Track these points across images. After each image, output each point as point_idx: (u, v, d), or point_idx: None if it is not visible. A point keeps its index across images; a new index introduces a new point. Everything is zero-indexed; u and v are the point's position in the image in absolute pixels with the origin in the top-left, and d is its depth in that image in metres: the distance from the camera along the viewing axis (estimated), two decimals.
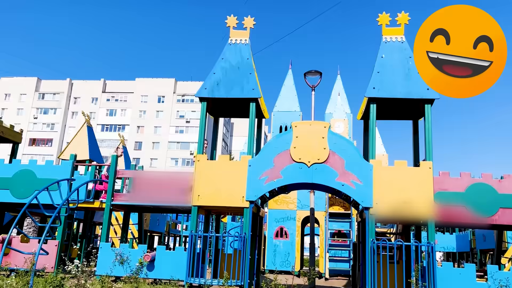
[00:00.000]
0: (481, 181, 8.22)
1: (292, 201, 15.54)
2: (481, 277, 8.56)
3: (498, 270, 7.91)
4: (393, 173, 7.89)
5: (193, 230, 7.92)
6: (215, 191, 8.08)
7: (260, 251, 9.40)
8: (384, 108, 9.10)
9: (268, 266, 15.05)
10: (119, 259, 7.68)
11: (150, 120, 70.41)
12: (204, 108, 8.69)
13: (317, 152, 8.10)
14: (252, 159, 8.23)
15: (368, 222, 7.74)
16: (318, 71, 11.15)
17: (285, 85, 16.85)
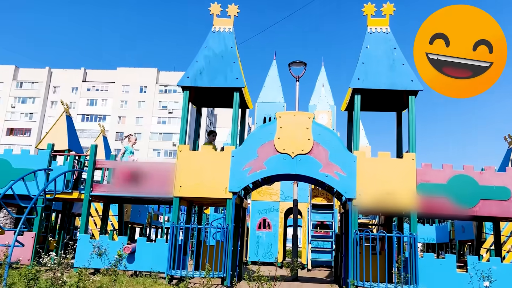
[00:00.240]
0: (462, 173, 8.27)
1: (275, 193, 15.49)
2: (461, 267, 8.66)
3: (478, 260, 8.01)
4: (377, 165, 7.87)
5: (174, 222, 7.78)
6: (197, 182, 7.94)
7: (243, 242, 9.32)
8: (368, 99, 9.07)
9: (250, 258, 15.01)
10: (97, 251, 7.49)
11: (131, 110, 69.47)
12: (186, 97, 8.50)
13: (301, 143, 8.02)
14: (235, 149, 8.10)
15: (351, 214, 7.73)
16: (302, 61, 11.05)
17: (269, 75, 16.71)
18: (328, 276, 12.46)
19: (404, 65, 8.28)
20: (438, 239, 22.74)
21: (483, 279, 6.54)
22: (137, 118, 68.98)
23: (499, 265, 7.85)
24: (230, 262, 7.57)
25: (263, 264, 15.55)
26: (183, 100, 8.45)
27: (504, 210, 8.04)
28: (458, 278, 7.82)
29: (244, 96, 8.93)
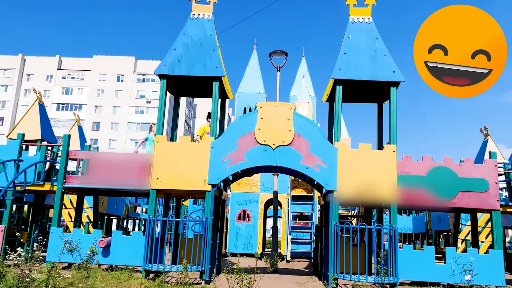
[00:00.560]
0: (442, 165, 8.28)
1: (255, 184, 15.37)
2: (439, 259, 8.73)
3: (456, 251, 8.07)
4: (357, 156, 7.80)
5: (151, 215, 7.53)
6: (175, 174, 7.70)
7: (222, 235, 9.15)
8: (349, 90, 8.97)
9: (230, 249, 14.89)
10: (68, 247, 7.19)
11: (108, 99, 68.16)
12: (163, 86, 8.21)
13: (282, 134, 7.87)
14: (214, 141, 7.89)
15: (331, 206, 7.64)
16: (283, 51, 10.85)
17: (250, 65, 16.47)
18: (307, 267, 12.45)
19: (386, 56, 8.19)
20: (415, 229, 23.12)
21: (464, 272, 6.56)
22: (114, 107, 67.74)
23: (476, 256, 7.93)
24: (208, 256, 7.40)
25: (242, 256, 15.47)
26: (160, 89, 8.17)
27: (482, 202, 8.09)
28: (437, 269, 7.87)
29: (224, 85, 8.70)
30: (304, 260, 15.02)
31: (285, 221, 14.89)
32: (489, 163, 8.32)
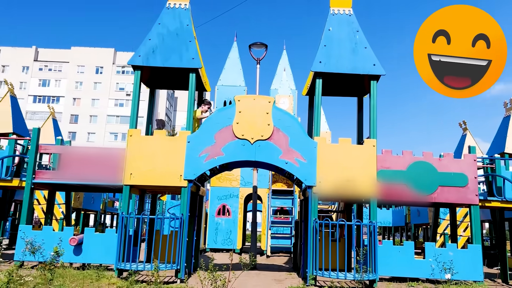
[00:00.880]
0: (422, 159, 8.21)
1: (235, 179, 15.16)
2: (418, 254, 8.70)
3: (435, 247, 8.04)
4: (337, 151, 7.65)
5: (124, 212, 7.24)
6: (150, 169, 7.42)
7: (200, 231, 8.92)
8: (330, 83, 8.81)
9: (209, 245, 14.69)
10: (30, 248, 6.83)
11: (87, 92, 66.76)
12: (138, 77, 7.89)
13: (261, 128, 7.66)
14: (191, 135, 7.62)
15: (311, 201, 7.49)
16: (263, 43, 10.61)
17: (230, 58, 16.18)
18: (287, 262, 12.35)
19: (367, 48, 8.05)
20: (395, 222, 23.32)
21: (444, 271, 6.49)
22: (93, 100, 66.41)
23: (455, 251, 7.91)
24: (184, 254, 7.17)
25: (222, 251, 15.29)
26: (134, 80, 7.85)
27: (461, 197, 8.06)
28: (416, 265, 7.83)
29: (201, 77, 8.43)
30: (284, 255, 14.93)
31: (265, 215, 14.74)
32: (468, 158, 8.30)
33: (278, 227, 14.53)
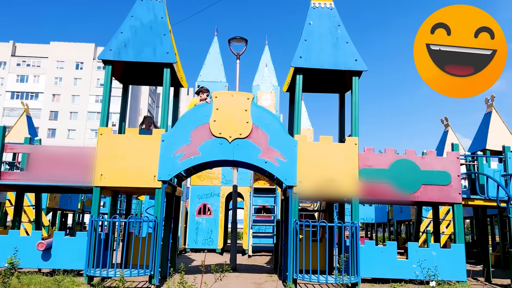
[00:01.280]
0: (404, 157, 8.02)
1: (216, 177, 14.82)
2: (401, 254, 8.52)
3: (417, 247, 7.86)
4: (318, 149, 7.38)
5: (94, 215, 6.85)
6: (121, 170, 7.03)
7: (177, 234, 8.58)
8: (310, 79, 8.54)
9: (190, 245, 14.33)
10: None
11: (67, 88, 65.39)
12: (108, 72, 7.47)
13: (239, 126, 7.34)
14: (165, 133, 7.25)
15: (291, 202, 7.22)
16: (243, 37, 10.27)
17: (210, 53, 15.79)
18: (268, 262, 12.09)
19: (348, 43, 7.79)
20: (377, 219, 23.34)
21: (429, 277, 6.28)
22: (73, 96, 65.06)
23: (438, 250, 7.75)
24: (158, 259, 6.82)
25: (203, 251, 14.96)
26: (105, 76, 7.43)
27: (444, 195, 7.90)
28: (399, 266, 7.65)
29: (177, 73, 8.06)
30: (266, 254, 14.67)
31: (247, 214, 14.46)
32: (452, 155, 8.13)
33: (260, 226, 14.27)
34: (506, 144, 11.95)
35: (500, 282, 8.73)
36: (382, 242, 25.85)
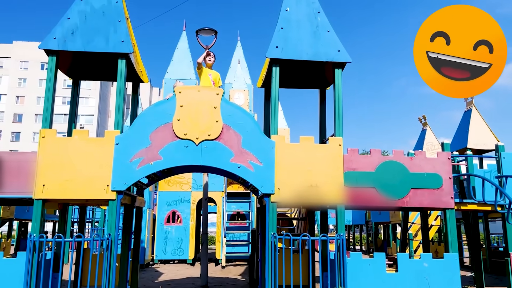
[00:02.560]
0: (392, 158, 7.25)
1: (186, 182, 13.78)
2: (390, 266, 7.78)
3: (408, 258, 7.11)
4: (299, 152, 6.49)
5: (35, 234, 5.73)
6: (68, 179, 5.94)
7: (138, 250, 7.52)
8: (288, 73, 7.67)
9: (158, 256, 13.23)
10: None
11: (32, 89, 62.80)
12: (52, 64, 6.36)
13: (207, 126, 6.37)
14: (120, 135, 6.19)
15: (268, 212, 6.29)
16: (212, 29, 9.24)
17: (179, 48, 14.74)
18: (243, 273, 11.16)
19: (330, 32, 6.94)
20: (355, 220, 22.78)
21: None
22: (38, 98, 62.42)
23: (430, 261, 7.01)
24: (113, 282, 5.77)
25: (172, 262, 13.88)
26: (48, 68, 6.31)
27: (436, 200, 7.17)
28: (388, 279, 6.86)
29: (135, 66, 7.02)
30: (242, 263, 13.74)
31: (220, 221, 13.48)
32: (442, 156, 7.41)
33: (234, 233, 13.33)
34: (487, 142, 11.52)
35: None
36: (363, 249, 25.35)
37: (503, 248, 12.60)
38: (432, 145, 15.25)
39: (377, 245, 20.21)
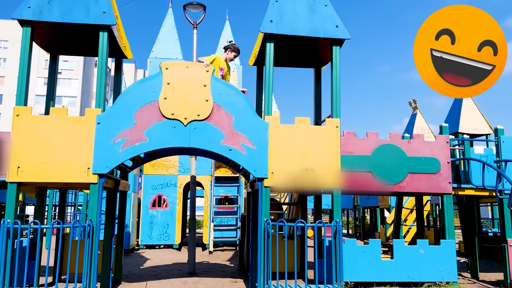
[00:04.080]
0: (389, 142, 6.96)
1: (173, 165, 13.34)
2: (385, 252, 7.57)
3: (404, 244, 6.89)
4: (294, 134, 6.13)
5: (9, 220, 5.28)
6: (45, 161, 5.48)
7: (122, 235, 7.13)
8: (281, 50, 7.26)
9: (143, 241, 12.86)
10: None
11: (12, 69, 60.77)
12: (27, 36, 5.81)
13: (196, 106, 5.95)
14: (102, 114, 5.73)
15: (261, 197, 5.95)
16: (200, 3, 8.78)
17: (164, 26, 14.10)
18: (232, 259, 10.87)
19: (327, 6, 6.52)
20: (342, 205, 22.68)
21: None
22: None
23: (426, 248, 6.79)
24: (95, 270, 5.39)
25: (158, 247, 13.54)
26: (22, 40, 5.77)
27: (433, 185, 6.93)
28: (384, 267, 6.63)
29: (118, 40, 6.51)
30: (229, 248, 13.46)
31: (207, 206, 13.13)
32: (440, 140, 7.15)
33: (222, 218, 13.00)
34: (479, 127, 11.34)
35: (488, 278, 7.95)
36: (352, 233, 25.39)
37: (492, 233, 12.55)
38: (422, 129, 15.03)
39: (364, 229, 20.18)
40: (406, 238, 12.96)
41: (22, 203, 16.67)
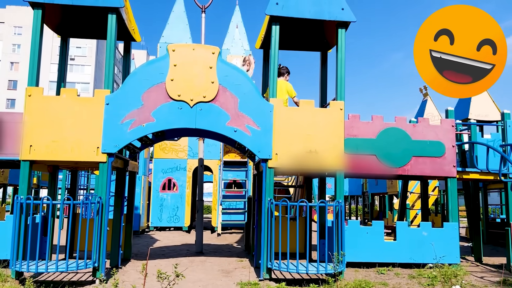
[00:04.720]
0: (394, 125, 6.99)
1: (182, 149, 13.54)
2: (388, 234, 7.65)
3: (407, 226, 6.99)
4: (298, 116, 6.22)
5: (22, 196, 5.50)
6: (56, 140, 5.66)
7: (132, 214, 7.34)
8: (287, 33, 7.30)
9: (153, 223, 13.14)
10: None
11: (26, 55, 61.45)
12: (38, 18, 5.95)
13: (202, 87, 6.06)
14: (111, 94, 5.88)
15: (265, 177, 6.08)
16: None
17: (174, 11, 14.18)
18: (239, 241, 11.08)
19: None
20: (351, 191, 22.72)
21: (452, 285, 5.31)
22: None
23: (429, 230, 6.88)
24: (104, 247, 5.60)
25: (168, 229, 13.82)
26: (33, 23, 5.92)
27: (438, 168, 6.97)
28: (387, 248, 6.76)
29: (127, 23, 6.62)
30: (237, 231, 13.69)
31: (216, 189, 13.33)
32: (446, 123, 7.17)
33: (231, 202, 13.21)
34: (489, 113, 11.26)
35: (492, 262, 8.01)
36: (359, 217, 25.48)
37: (500, 219, 12.54)
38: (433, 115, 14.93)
39: (373, 215, 20.25)
40: (414, 222, 13.02)
41: (37, 186, 17.12)
